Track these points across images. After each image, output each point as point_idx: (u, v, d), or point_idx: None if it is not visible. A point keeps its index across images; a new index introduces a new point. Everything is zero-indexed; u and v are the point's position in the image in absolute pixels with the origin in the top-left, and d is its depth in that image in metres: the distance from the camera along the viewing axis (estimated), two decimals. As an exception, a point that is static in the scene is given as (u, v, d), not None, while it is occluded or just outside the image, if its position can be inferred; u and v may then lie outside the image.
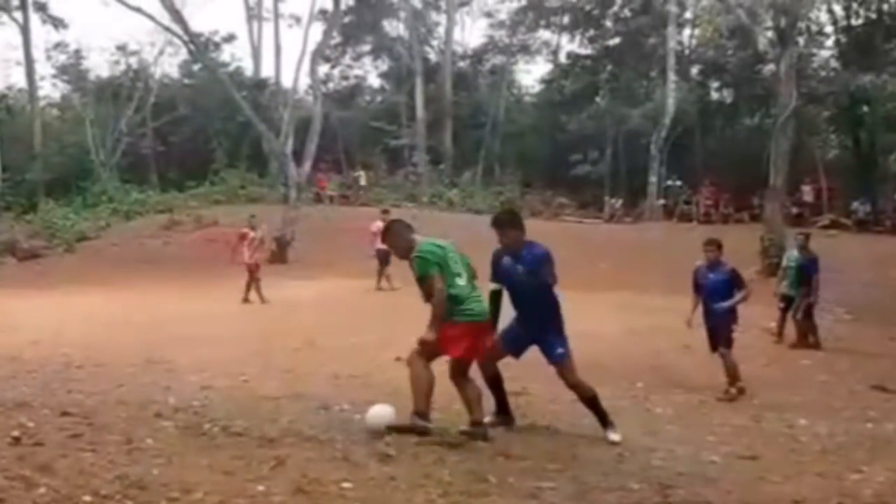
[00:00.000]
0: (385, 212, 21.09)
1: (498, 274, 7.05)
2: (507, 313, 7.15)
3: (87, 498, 4.79)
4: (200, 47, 35.79)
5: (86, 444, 5.96)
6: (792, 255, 13.95)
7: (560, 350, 6.96)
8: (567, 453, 6.36)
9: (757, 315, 14.06)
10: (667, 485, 5.66)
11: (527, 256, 6.97)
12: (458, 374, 6.75)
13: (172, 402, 7.59)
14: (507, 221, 7.10)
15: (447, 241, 7.08)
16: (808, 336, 13.18)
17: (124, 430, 6.39)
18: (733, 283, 9.50)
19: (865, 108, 33.67)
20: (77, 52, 44.82)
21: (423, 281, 6.75)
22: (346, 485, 5.29)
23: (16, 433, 6.07)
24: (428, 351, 6.69)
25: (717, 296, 9.46)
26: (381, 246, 19.03)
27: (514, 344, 7.23)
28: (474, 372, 6.96)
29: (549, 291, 7.05)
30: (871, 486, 5.93)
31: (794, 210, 30.07)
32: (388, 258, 19.17)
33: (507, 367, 8.38)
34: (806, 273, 13.32)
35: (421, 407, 6.54)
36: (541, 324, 7.06)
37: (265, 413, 7.27)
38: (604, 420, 6.93)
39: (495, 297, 7.08)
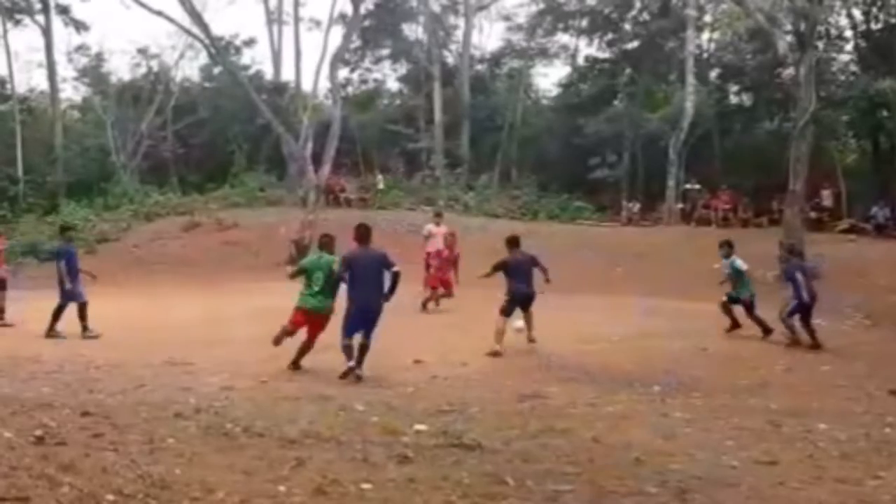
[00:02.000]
0: (438, 215, 20.97)
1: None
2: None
3: (111, 497, 4.84)
4: (221, 51, 36.02)
5: (108, 443, 6.01)
6: (726, 263, 14.50)
7: None
8: (584, 457, 6.37)
9: (774, 320, 14.04)
10: (685, 489, 5.65)
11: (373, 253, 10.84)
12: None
13: (193, 403, 7.65)
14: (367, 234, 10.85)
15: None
16: (768, 330, 13.67)
17: (146, 430, 6.45)
18: None
19: (885, 113, 33.38)
20: (98, 54, 45.14)
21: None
22: (365, 486, 5.32)
23: (38, 433, 6.12)
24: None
25: None
26: (430, 249, 19.09)
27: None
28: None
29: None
30: (890, 491, 5.90)
31: (814, 214, 29.88)
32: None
33: (527, 371, 8.39)
34: (788, 277, 13.77)
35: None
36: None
37: (285, 414, 7.32)
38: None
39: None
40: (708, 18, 40.32)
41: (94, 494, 4.86)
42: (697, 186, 35.52)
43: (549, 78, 76.99)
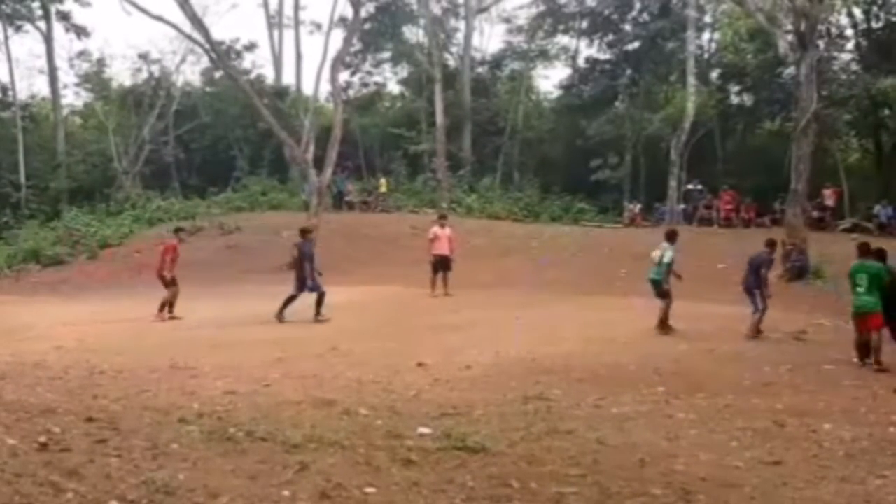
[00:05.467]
0: (443, 217, 21.07)
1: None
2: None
3: (115, 503, 4.84)
4: (222, 55, 36.00)
5: (112, 449, 6.00)
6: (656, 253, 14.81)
7: None
8: (589, 458, 6.36)
9: (779, 320, 14.03)
10: (689, 490, 5.65)
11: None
12: None
13: (196, 408, 7.64)
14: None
15: None
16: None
17: (149, 436, 6.43)
18: None
19: (886, 111, 33.45)
20: (100, 60, 45.32)
21: None
22: (369, 490, 5.32)
23: (42, 439, 6.11)
24: None
25: None
26: (437, 252, 19.21)
27: None
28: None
29: None
30: (895, 491, 5.90)
31: (816, 214, 29.87)
32: (445, 264, 19.24)
33: (530, 373, 8.38)
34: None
35: None
36: None
37: (288, 418, 7.31)
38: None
39: None
40: (708, 19, 40.38)
41: (99, 500, 4.86)
42: (699, 187, 35.51)
43: (550, 80, 77.20)
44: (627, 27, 42.93)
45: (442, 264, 19.38)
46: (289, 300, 15.94)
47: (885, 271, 11.98)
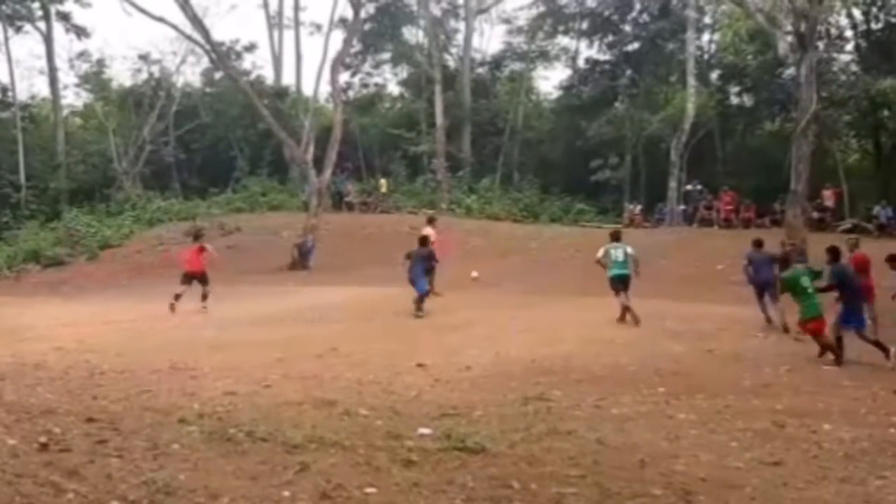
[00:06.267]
0: (431, 220, 20.93)
1: None
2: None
3: (115, 503, 4.85)
4: (222, 56, 36.03)
5: (112, 449, 6.02)
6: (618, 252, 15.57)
7: None
8: (589, 459, 6.36)
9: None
10: (690, 491, 5.65)
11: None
12: None
13: (197, 408, 7.65)
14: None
15: None
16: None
17: (150, 436, 6.44)
18: None
19: (886, 112, 33.42)
20: (100, 61, 45.29)
21: None
22: (369, 490, 5.33)
23: (43, 439, 6.13)
24: None
25: None
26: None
27: None
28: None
29: None
30: (894, 492, 5.90)
31: (816, 215, 29.87)
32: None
33: (530, 374, 8.37)
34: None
35: None
36: None
37: (288, 419, 7.32)
38: None
39: None
40: (708, 20, 40.39)
41: (99, 500, 4.87)
42: (699, 188, 35.51)
43: (549, 81, 77.15)
44: (627, 28, 42.95)
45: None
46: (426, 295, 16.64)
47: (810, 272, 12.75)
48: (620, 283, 15.19)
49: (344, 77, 42.25)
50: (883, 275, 15.19)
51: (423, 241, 17.95)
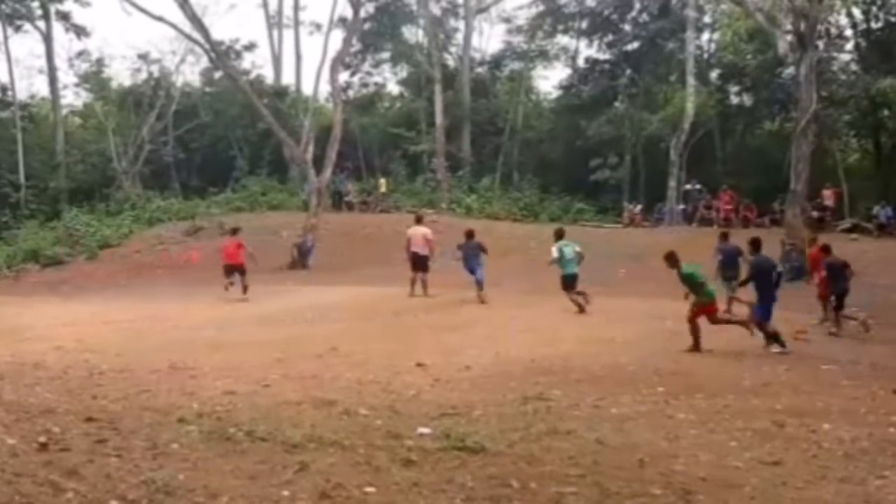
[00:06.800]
0: (419, 219, 20.90)
1: None
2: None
3: (115, 503, 4.84)
4: (221, 55, 36.04)
5: (112, 449, 6.01)
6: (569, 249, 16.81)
7: None
8: (589, 459, 6.35)
9: (778, 320, 14.00)
10: (689, 490, 5.64)
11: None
12: None
13: (196, 408, 7.64)
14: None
15: None
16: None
17: (149, 436, 6.44)
18: None
19: (886, 112, 33.43)
20: (99, 60, 45.30)
21: None
22: (369, 490, 5.32)
23: (42, 439, 6.12)
24: None
25: None
26: (414, 250, 19.08)
27: None
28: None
29: None
30: (895, 491, 5.89)
31: (815, 214, 29.88)
32: (421, 264, 19.07)
33: (530, 373, 8.38)
34: None
35: None
36: None
37: (288, 418, 7.31)
38: None
39: None
40: (708, 19, 40.40)
41: (99, 500, 4.87)
42: (699, 187, 35.52)
43: (549, 80, 77.09)
44: (627, 27, 42.97)
45: (418, 264, 19.16)
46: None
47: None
48: (572, 281, 16.51)
49: (343, 76, 42.31)
50: (883, 274, 15.23)
51: (470, 233, 18.91)
